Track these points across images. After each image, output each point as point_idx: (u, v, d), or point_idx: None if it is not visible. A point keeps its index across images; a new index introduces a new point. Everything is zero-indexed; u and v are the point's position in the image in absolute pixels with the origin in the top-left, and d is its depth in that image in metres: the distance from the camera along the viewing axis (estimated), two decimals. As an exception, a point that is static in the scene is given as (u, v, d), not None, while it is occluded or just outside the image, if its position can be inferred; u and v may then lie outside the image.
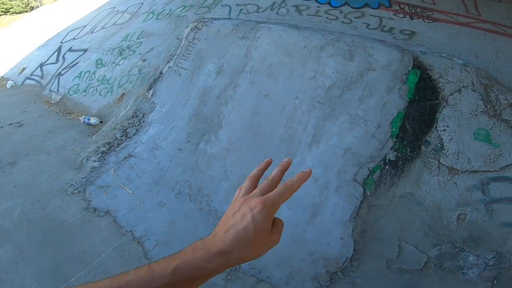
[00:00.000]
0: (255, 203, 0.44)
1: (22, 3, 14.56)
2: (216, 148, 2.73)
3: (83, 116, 3.56)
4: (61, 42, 5.19)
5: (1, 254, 2.04)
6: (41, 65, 4.99)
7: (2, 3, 13.81)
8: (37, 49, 5.51)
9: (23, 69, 5.21)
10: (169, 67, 3.33)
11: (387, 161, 2.37)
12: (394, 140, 2.38)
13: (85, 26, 5.19)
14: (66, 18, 5.98)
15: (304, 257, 2.07)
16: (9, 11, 13.92)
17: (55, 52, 5.04)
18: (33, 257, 2.03)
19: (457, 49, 2.73)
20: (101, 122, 3.52)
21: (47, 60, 5.00)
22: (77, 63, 4.48)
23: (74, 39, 5.07)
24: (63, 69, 4.55)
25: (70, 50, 4.86)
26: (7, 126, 3.65)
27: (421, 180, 2.31)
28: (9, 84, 4.87)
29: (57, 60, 4.85)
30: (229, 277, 1.98)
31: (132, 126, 3.21)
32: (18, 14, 12.98)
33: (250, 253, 0.42)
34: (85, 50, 4.60)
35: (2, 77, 5.34)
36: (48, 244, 2.12)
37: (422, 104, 2.38)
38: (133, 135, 3.13)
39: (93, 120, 3.49)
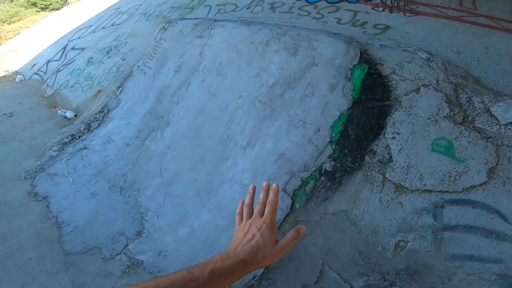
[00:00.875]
0: (260, 223, 0.69)
1: (61, 0, 17.41)
2: (159, 145, 3.02)
3: (61, 110, 4.23)
4: (68, 41, 6.18)
5: None
6: (47, 62, 6.00)
7: (42, -1, 16.95)
8: (49, 46, 6.63)
9: (34, 65, 6.31)
10: (138, 66, 3.80)
11: (323, 171, 2.36)
12: (334, 147, 2.37)
13: (90, 26, 6.12)
14: (80, 18, 7.13)
15: (209, 266, 2.18)
16: (48, 8, 16.83)
17: (61, 50, 6.02)
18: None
19: (436, 44, 2.63)
20: (75, 115, 4.12)
21: (53, 57, 5.98)
22: (73, 61, 5.30)
23: (79, 38, 6.00)
24: (61, 66, 5.42)
25: (72, 48, 5.77)
26: (1, 115, 4.50)
27: (360, 197, 2.24)
28: (18, 78, 5.94)
29: (61, 57, 5.79)
30: (127, 270, 2.18)
31: (96, 121, 3.70)
32: (57, 11, 15.42)
33: (261, 261, 0.64)
34: (83, 49, 5.42)
35: (16, 71, 6.54)
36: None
37: (370, 106, 2.33)
38: (94, 129, 3.61)
39: (68, 114, 4.10)
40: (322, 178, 2.34)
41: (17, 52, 7.93)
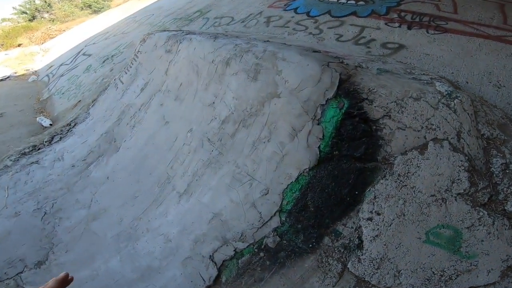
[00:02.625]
0: None
1: (114, 4, 19.28)
2: (100, 173, 2.75)
3: (40, 117, 4.30)
4: (85, 46, 6.57)
5: None
6: (60, 65, 6.39)
7: (96, 2, 19.13)
8: (69, 50, 7.14)
9: (51, 67, 6.77)
10: (114, 79, 3.71)
11: (263, 246, 1.83)
12: (283, 219, 1.83)
13: (107, 32, 6.44)
14: (107, 23, 7.59)
15: None
16: (100, 10, 18.69)
17: (75, 54, 6.39)
18: None
19: (467, 71, 2.02)
20: (51, 125, 4.14)
21: (66, 60, 6.36)
22: (77, 66, 5.53)
23: (93, 44, 6.32)
24: (66, 71, 5.69)
25: (83, 54, 6.07)
26: (-9, 115, 4.75)
27: (304, 286, 1.68)
28: (31, 78, 6.39)
29: (71, 62, 6.12)
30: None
31: (60, 134, 3.62)
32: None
33: None
34: (89, 55, 5.65)
35: (36, 71, 7.10)
36: None
37: (344, 167, 1.75)
38: (54, 143, 3.51)
39: (44, 122, 4.12)
40: (261, 254, 1.83)
41: (47, 52, 8.71)
